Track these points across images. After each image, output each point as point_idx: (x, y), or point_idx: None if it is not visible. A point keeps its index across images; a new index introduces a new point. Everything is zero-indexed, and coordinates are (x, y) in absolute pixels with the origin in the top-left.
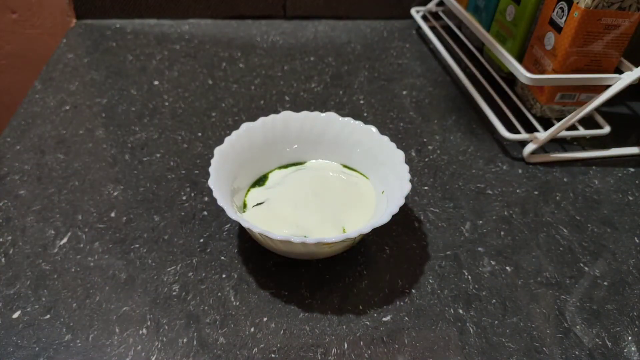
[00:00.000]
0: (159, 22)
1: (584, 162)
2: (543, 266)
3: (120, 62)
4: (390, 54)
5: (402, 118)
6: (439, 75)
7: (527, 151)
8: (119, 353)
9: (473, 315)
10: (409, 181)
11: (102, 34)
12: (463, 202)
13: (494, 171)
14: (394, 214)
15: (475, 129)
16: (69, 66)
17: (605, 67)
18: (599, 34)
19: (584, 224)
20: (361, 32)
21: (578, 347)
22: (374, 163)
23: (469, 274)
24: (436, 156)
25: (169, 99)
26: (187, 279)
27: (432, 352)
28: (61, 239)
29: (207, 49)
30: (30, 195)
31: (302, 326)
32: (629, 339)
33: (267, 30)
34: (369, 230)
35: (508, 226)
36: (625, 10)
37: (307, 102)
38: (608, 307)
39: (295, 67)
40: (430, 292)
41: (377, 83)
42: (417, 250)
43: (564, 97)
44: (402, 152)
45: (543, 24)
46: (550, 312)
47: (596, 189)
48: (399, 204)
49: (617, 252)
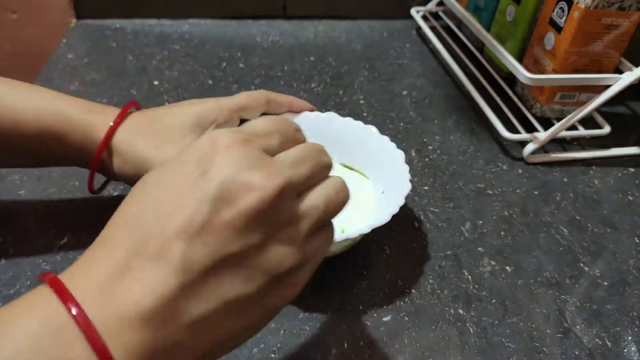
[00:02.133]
0: (159, 22)
1: (584, 162)
2: (543, 266)
3: (120, 62)
4: (390, 54)
5: (402, 118)
6: (439, 75)
7: (527, 151)
8: None
9: (473, 315)
10: (409, 181)
11: (102, 34)
12: (463, 202)
13: (494, 171)
14: (394, 214)
15: (475, 129)
16: (69, 66)
17: (605, 67)
18: (599, 34)
19: (584, 224)
20: (361, 32)
21: (578, 347)
22: (374, 163)
23: (469, 274)
24: (436, 156)
25: (169, 99)
26: None
27: (432, 352)
28: (61, 239)
29: (207, 49)
30: (30, 195)
31: (302, 326)
32: (629, 339)
33: (267, 30)
34: (368, 231)
35: (508, 226)
36: (625, 10)
37: (307, 102)
38: (608, 307)
39: (295, 67)
40: (430, 292)
41: (377, 83)
42: (417, 250)
43: (564, 97)
44: (402, 152)
45: (543, 24)
46: (550, 312)
47: (596, 189)
48: (399, 203)
49: (617, 252)
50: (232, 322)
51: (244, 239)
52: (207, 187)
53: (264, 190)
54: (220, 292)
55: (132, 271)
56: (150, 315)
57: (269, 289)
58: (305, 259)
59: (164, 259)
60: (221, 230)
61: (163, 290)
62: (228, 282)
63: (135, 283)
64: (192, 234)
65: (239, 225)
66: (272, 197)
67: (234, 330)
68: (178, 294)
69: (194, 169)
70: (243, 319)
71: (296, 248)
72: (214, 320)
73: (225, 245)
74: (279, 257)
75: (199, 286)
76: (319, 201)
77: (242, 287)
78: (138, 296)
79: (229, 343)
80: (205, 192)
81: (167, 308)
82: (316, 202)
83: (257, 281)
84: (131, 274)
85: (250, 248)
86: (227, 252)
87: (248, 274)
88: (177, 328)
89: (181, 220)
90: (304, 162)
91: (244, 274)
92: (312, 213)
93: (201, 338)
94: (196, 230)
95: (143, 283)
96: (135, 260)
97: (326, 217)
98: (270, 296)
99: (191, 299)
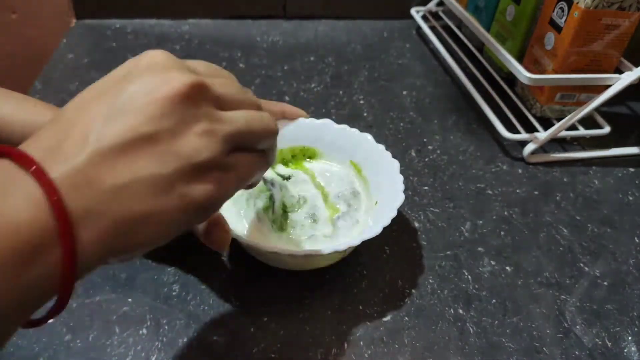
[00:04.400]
0: (159, 22)
1: (584, 162)
2: (543, 266)
3: (120, 62)
4: (390, 54)
5: (402, 118)
6: (439, 75)
7: (527, 151)
8: (119, 353)
9: (473, 315)
10: (402, 192)
11: (102, 34)
12: (463, 202)
13: (494, 171)
14: (386, 226)
15: (475, 129)
16: (69, 66)
17: (605, 67)
18: (599, 34)
19: (584, 224)
20: (361, 32)
21: (578, 347)
22: (368, 172)
23: (469, 274)
24: (436, 156)
25: None
26: (187, 279)
27: (432, 352)
28: None
29: (207, 49)
30: None
31: (302, 326)
32: (629, 339)
33: (267, 30)
34: (358, 243)
35: (508, 226)
36: (625, 10)
37: (307, 102)
38: (608, 307)
39: (295, 67)
40: (430, 292)
41: (377, 83)
42: (417, 250)
43: (564, 97)
44: (397, 162)
45: (543, 24)
46: (550, 312)
47: (596, 189)
48: (391, 215)
49: (617, 252)
50: (147, 201)
51: (157, 122)
52: (129, 81)
53: (179, 81)
54: (134, 168)
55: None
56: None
57: (186, 176)
58: (228, 163)
59: (82, 139)
60: (136, 114)
61: (76, 160)
62: (142, 160)
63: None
64: (108, 116)
65: (153, 109)
66: (187, 89)
67: (148, 210)
68: (89, 165)
69: (119, 73)
70: (158, 201)
71: (214, 143)
72: (127, 194)
73: (139, 125)
74: (194, 145)
75: (111, 159)
76: (241, 116)
77: (155, 166)
78: (59, 166)
79: (143, 226)
80: (125, 88)
81: (79, 175)
82: (238, 116)
83: (171, 164)
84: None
85: (164, 132)
86: (139, 132)
87: (162, 156)
88: (92, 194)
89: (101, 107)
90: (229, 85)
91: (158, 155)
92: (234, 121)
93: (113, 206)
94: (113, 114)
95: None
96: (62, 143)
97: (249, 133)
98: (187, 186)
99: (102, 170)
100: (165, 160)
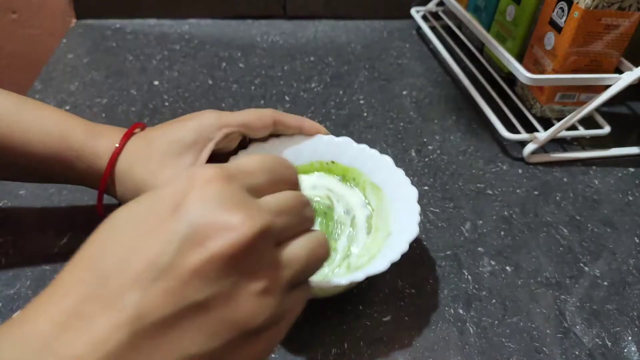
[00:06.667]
0: (159, 22)
1: (584, 162)
2: (543, 266)
3: (120, 62)
4: (390, 54)
5: (402, 118)
6: (439, 75)
7: (527, 151)
8: None
9: (473, 315)
10: (417, 224)
11: (102, 34)
12: (463, 202)
13: (494, 171)
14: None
15: (475, 129)
16: (69, 66)
17: (605, 67)
18: (599, 34)
19: (584, 224)
20: (361, 32)
21: (578, 347)
22: (385, 196)
23: (469, 274)
24: (436, 156)
25: (169, 99)
26: None
27: (432, 352)
28: (61, 239)
29: (207, 49)
30: (30, 195)
31: (302, 326)
32: (629, 339)
33: (267, 30)
34: (363, 279)
35: (508, 226)
36: (625, 10)
37: (307, 102)
38: (608, 307)
39: (295, 67)
40: (430, 292)
41: (377, 83)
42: (417, 250)
43: (564, 97)
44: (415, 190)
45: (543, 24)
46: (550, 312)
47: (596, 189)
48: (402, 250)
49: (617, 252)
50: None
51: (211, 287)
52: (176, 227)
53: (239, 232)
54: (180, 348)
55: (79, 320)
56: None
57: (237, 345)
58: (282, 313)
59: (117, 307)
60: (185, 276)
61: (110, 344)
62: (190, 335)
63: (81, 335)
64: (151, 279)
65: (207, 270)
66: (249, 241)
67: None
68: (128, 348)
69: (165, 206)
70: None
71: (273, 300)
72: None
73: (189, 294)
74: (251, 310)
75: (154, 340)
76: (302, 252)
77: (205, 342)
78: (80, 351)
79: None
80: (173, 232)
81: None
82: (299, 253)
83: (223, 336)
84: (77, 324)
85: (219, 297)
86: (190, 301)
87: (214, 328)
88: None
89: (142, 263)
90: (289, 210)
91: (209, 327)
92: (293, 264)
93: None
94: (157, 275)
95: (89, 335)
96: (86, 306)
97: (307, 270)
98: (237, 355)
99: (144, 354)
100: (217, 331)
